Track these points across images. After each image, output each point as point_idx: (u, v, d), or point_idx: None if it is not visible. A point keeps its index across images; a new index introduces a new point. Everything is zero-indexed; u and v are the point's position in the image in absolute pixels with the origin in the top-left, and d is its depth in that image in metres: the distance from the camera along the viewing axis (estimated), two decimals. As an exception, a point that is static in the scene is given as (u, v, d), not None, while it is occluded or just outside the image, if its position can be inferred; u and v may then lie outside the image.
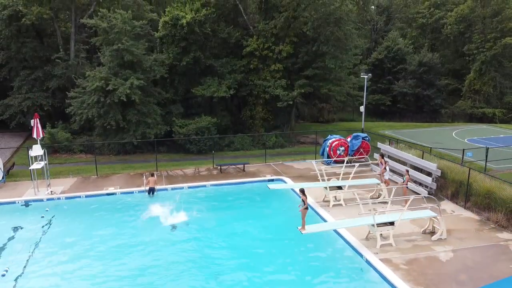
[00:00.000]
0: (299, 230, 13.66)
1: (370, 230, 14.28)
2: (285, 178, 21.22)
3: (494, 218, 15.78)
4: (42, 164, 19.10)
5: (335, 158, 23.46)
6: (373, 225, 13.80)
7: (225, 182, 20.98)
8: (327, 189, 17.63)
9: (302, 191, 14.02)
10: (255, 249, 14.33)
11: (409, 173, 17.93)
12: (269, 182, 20.85)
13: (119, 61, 29.28)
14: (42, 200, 18.60)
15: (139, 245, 14.61)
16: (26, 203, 18.40)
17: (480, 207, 16.71)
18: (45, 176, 19.87)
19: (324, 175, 17.88)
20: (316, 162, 19.66)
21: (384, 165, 18.46)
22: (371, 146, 24.53)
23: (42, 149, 19.14)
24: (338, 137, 24.65)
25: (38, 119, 19.30)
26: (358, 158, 23.35)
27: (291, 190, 19.31)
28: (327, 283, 12.25)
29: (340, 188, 17.97)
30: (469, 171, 17.25)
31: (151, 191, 19.17)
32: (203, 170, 23.59)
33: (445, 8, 57.10)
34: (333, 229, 14.73)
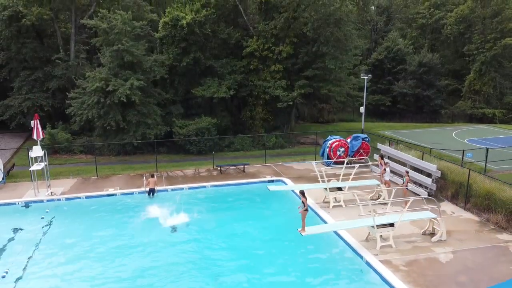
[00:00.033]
0: (299, 231, 13.66)
1: (370, 232, 14.28)
2: (285, 179, 21.23)
3: (494, 219, 15.80)
4: (42, 165, 19.13)
5: (335, 159, 23.46)
6: (373, 226, 13.80)
7: (225, 183, 21.01)
8: (327, 190, 17.65)
9: (302, 193, 14.04)
10: (255, 250, 14.34)
11: (408, 174, 17.95)
12: (269, 183, 20.88)
13: (119, 61, 29.26)
14: (42, 201, 18.62)
15: (139, 246, 14.63)
16: (26, 204, 18.43)
17: (480, 208, 16.73)
18: (45, 177, 19.90)
19: (324, 176, 17.91)
20: (316, 163, 19.69)
21: (383, 166, 18.48)
22: (371, 147, 24.54)
23: (42, 150, 19.16)
24: (338, 138, 24.66)
25: (38, 120, 19.34)
26: (358, 159, 23.36)
27: (291, 191, 19.31)
28: (327, 285, 12.27)
29: (340, 189, 17.99)
30: (469, 172, 17.27)
31: (151, 192, 19.19)
32: (203, 171, 23.60)
33: (445, 8, 57.10)
34: (333, 230, 14.74)
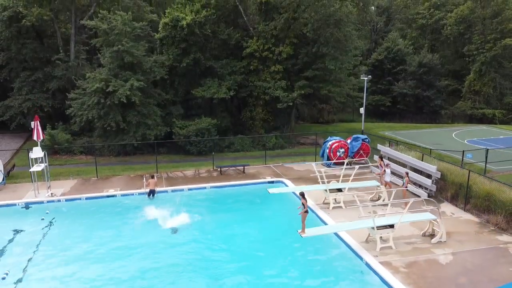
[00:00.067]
0: (299, 233, 13.67)
1: (370, 233, 14.29)
2: (285, 180, 21.23)
3: (494, 221, 15.81)
4: (42, 166, 19.14)
5: (335, 160, 23.46)
6: (373, 227, 13.81)
7: (225, 184, 21.02)
8: (327, 191, 17.66)
9: (302, 195, 14.04)
10: (255, 251, 14.35)
11: (408, 175, 17.96)
12: (269, 184, 20.91)
13: (119, 62, 29.27)
14: (42, 202, 18.63)
15: (139, 247, 14.63)
16: (27, 205, 18.43)
17: (479, 209, 16.73)
18: (45, 178, 19.90)
19: (324, 178, 17.91)
20: (316, 164, 19.69)
21: (383, 167, 18.49)
22: (371, 148, 24.55)
23: (42, 151, 19.17)
24: (338, 138, 24.64)
25: (38, 121, 19.36)
26: (358, 160, 23.38)
27: (291, 193, 19.31)
28: (327, 286, 12.28)
29: (340, 190, 18.00)
30: (468, 174, 17.27)
31: (151, 193, 19.19)
32: (203, 171, 23.61)
33: (445, 9, 57.13)
34: (333, 232, 14.75)
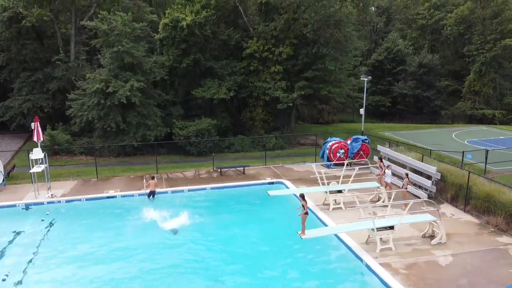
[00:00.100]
0: (299, 235, 13.69)
1: (370, 234, 14.30)
2: (285, 181, 21.23)
3: (494, 222, 15.84)
4: (42, 167, 19.15)
5: (335, 161, 23.47)
6: (373, 229, 13.82)
7: (225, 185, 21.03)
8: (327, 192, 17.67)
9: (302, 196, 14.05)
10: (255, 253, 14.37)
11: (408, 176, 17.95)
12: (269, 185, 20.92)
13: (119, 63, 29.27)
14: (42, 203, 18.64)
15: (139, 248, 14.65)
16: (27, 207, 18.44)
17: (479, 211, 16.76)
18: (45, 178, 19.90)
19: (324, 179, 17.92)
20: (316, 165, 19.70)
21: (383, 168, 18.50)
22: (371, 149, 24.55)
23: (42, 152, 19.17)
24: (338, 139, 24.65)
25: (38, 123, 19.36)
26: (358, 161, 23.39)
27: (291, 194, 19.31)
28: (327, 288, 12.31)
29: (340, 191, 18.01)
30: (468, 175, 17.29)
31: (152, 195, 19.20)
32: (203, 172, 23.62)
33: (445, 9, 57.11)
34: (333, 233, 14.76)
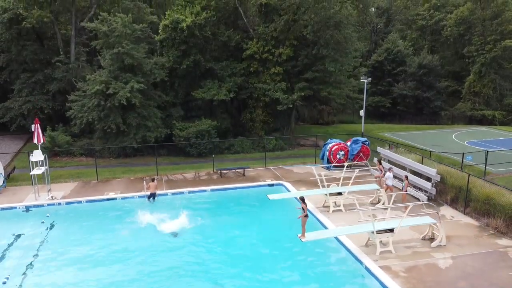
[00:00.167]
0: (299, 237, 13.70)
1: (369, 237, 14.32)
2: (285, 183, 21.23)
3: (494, 224, 15.84)
4: (42, 169, 19.17)
5: (335, 163, 23.48)
6: (372, 232, 13.83)
7: (225, 187, 21.05)
8: (327, 195, 17.69)
9: (302, 199, 14.07)
10: (255, 255, 14.38)
11: (408, 179, 17.97)
12: (269, 187, 20.94)
13: (120, 64, 29.29)
14: (42, 205, 18.67)
15: (140, 251, 14.67)
16: (27, 209, 18.46)
17: (479, 213, 16.76)
18: (45, 180, 19.91)
19: (324, 181, 17.94)
20: (316, 167, 19.71)
21: (382, 171, 18.52)
22: (371, 150, 24.57)
23: (42, 154, 19.18)
24: (338, 141, 24.66)
25: (38, 125, 19.38)
26: (358, 163, 23.42)
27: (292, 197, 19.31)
28: (327, 291, 12.33)
29: (340, 194, 18.02)
30: (468, 177, 17.30)
31: (152, 197, 19.21)
32: (203, 174, 23.64)
33: (445, 10, 57.15)
34: (333, 236, 14.77)
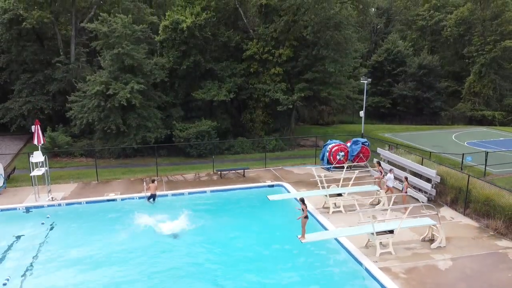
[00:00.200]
0: (299, 239, 13.71)
1: (369, 238, 14.32)
2: (285, 184, 21.23)
3: (493, 225, 15.82)
4: (43, 170, 19.18)
5: (335, 164, 23.49)
6: (372, 233, 13.84)
7: (225, 188, 21.05)
8: (327, 196, 17.70)
9: (302, 200, 14.08)
10: (255, 256, 14.38)
11: (408, 180, 17.98)
12: (269, 188, 20.96)
13: (120, 65, 29.33)
14: (43, 206, 18.67)
15: (140, 252, 14.67)
16: (27, 210, 18.46)
17: (479, 214, 16.76)
18: (46, 181, 19.92)
19: (324, 182, 17.95)
20: (316, 168, 19.72)
21: (382, 173, 18.54)
22: (371, 151, 24.58)
23: (43, 155, 19.20)
24: (338, 142, 24.66)
25: (39, 126, 19.40)
26: (357, 164, 23.44)
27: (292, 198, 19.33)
28: (327, 292, 12.35)
29: (340, 195, 18.03)
30: (468, 178, 17.30)
31: (152, 198, 19.22)
32: (203, 175, 23.64)
33: (445, 10, 57.20)
34: (333, 237, 14.79)
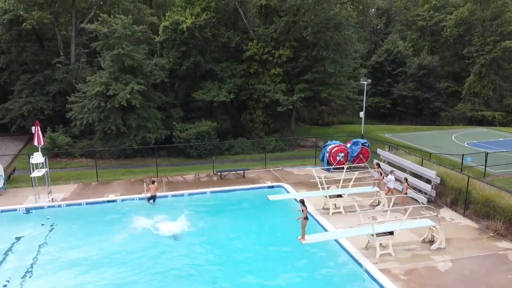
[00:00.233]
0: (299, 240, 13.72)
1: (369, 240, 14.33)
2: (285, 185, 21.22)
3: (493, 227, 15.82)
4: (43, 171, 19.17)
5: (335, 165, 23.49)
6: (372, 234, 13.85)
7: (225, 189, 21.02)
8: (327, 197, 17.70)
9: (302, 202, 14.08)
10: (254, 258, 14.38)
11: (407, 181, 17.98)
12: (269, 189, 20.95)
13: (120, 65, 29.36)
14: (43, 207, 18.66)
15: (140, 253, 14.66)
16: (27, 211, 18.46)
17: (479, 215, 16.75)
18: (46, 182, 19.92)
19: (323, 183, 17.95)
20: (315, 169, 19.71)
21: (382, 174, 18.56)
22: (371, 152, 24.58)
23: (43, 156, 19.20)
24: (338, 143, 24.68)
25: (39, 127, 19.40)
26: (357, 165, 23.44)
27: (292, 198, 19.34)
28: (327, 294, 12.35)
29: (340, 196, 18.04)
30: (468, 179, 17.29)
31: (152, 199, 19.22)
32: (204, 176, 23.64)
33: (444, 11, 57.26)
34: (332, 239, 14.79)
